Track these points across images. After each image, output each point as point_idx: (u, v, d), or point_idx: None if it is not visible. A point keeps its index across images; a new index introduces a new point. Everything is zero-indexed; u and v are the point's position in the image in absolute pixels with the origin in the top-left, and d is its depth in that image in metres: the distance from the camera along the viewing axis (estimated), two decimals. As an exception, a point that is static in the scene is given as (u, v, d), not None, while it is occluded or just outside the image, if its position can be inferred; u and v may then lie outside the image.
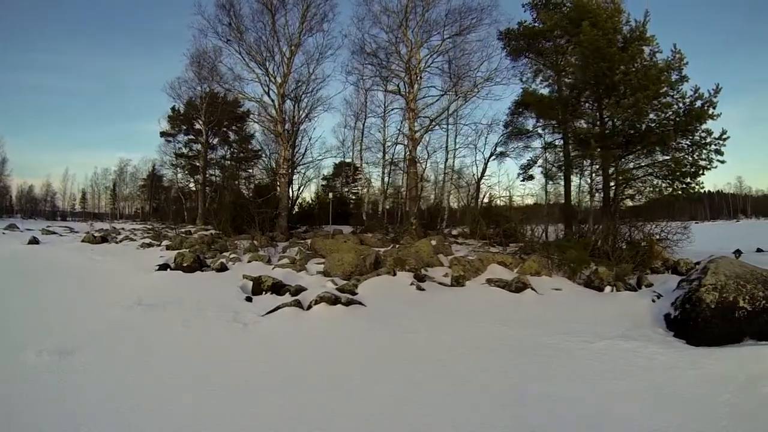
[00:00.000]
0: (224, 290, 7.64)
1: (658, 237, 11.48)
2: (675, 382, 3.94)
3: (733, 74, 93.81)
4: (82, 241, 15.92)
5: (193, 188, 28.78)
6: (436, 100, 17.28)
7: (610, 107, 13.94)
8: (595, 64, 13.32)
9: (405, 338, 5.36)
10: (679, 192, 13.94)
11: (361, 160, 21.57)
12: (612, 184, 14.87)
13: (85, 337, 5.27)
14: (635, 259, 9.94)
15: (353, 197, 28.11)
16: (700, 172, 13.53)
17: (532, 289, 7.50)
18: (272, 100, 16.22)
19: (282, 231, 14.09)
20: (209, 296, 7.25)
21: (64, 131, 76.53)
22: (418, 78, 16.56)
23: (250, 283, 7.80)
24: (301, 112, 17.38)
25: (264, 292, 7.36)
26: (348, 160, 26.28)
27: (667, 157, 14.08)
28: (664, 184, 14.48)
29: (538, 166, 18.58)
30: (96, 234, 16.67)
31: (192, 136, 27.38)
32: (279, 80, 16.16)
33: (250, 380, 4.12)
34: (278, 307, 6.24)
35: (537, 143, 19.18)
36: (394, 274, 8.16)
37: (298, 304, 6.35)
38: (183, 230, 17.19)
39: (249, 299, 7.11)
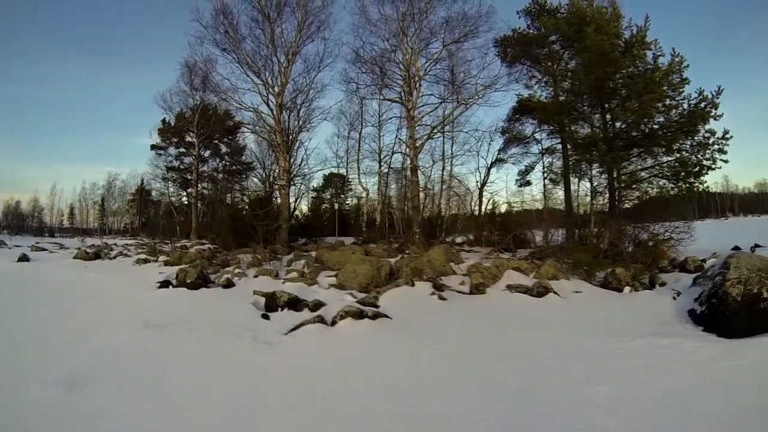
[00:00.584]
0: (236, 308, 7.15)
1: (663, 237, 11.56)
2: (727, 371, 4.02)
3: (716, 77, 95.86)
4: (74, 257, 15.24)
5: (185, 202, 28.06)
6: (435, 108, 17.19)
7: (616, 111, 14.04)
8: (600, 68, 13.45)
9: (439, 350, 5.12)
10: (684, 192, 14.05)
11: (359, 170, 21.33)
12: (617, 186, 14.91)
13: (93, 366, 4.73)
14: (645, 259, 9.90)
15: (346, 208, 27.76)
16: (704, 171, 13.60)
17: (555, 292, 7.38)
18: (270, 110, 15.85)
19: (283, 244, 13.62)
20: (221, 315, 6.77)
21: (50, 145, 74.93)
22: (418, 86, 16.37)
23: (262, 299, 7.34)
24: (300, 122, 16.98)
25: (280, 309, 6.97)
26: (338, 171, 26.11)
27: (671, 158, 14.17)
28: (669, 185, 14.54)
29: (538, 171, 18.79)
30: (88, 250, 15.98)
31: (183, 149, 26.76)
32: (276, 90, 15.77)
33: (289, 402, 3.79)
34: (301, 324, 5.91)
35: (534, 149, 19.28)
36: (413, 285, 7.93)
37: (321, 319, 6.05)
38: (179, 245, 16.57)
39: (266, 317, 6.67)
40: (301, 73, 16.68)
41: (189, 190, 25.95)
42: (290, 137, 17.01)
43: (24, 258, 14.75)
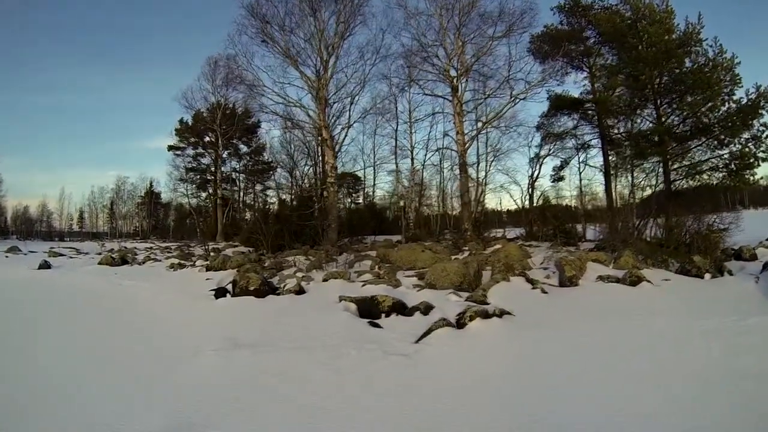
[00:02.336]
0: (330, 317, 5.89)
1: (719, 227, 11.29)
2: None
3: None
4: (99, 263, 13.72)
5: (204, 204, 26.47)
6: (481, 103, 16.28)
7: (681, 104, 13.89)
8: (663, 63, 13.53)
9: (585, 341, 4.52)
10: (739, 183, 13.85)
11: (397, 166, 19.94)
12: (674, 178, 14.55)
13: (196, 410, 3.31)
14: (705, 249, 9.79)
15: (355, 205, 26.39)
16: (757, 164, 13.44)
17: (648, 281, 7.04)
18: (315, 105, 14.40)
19: (332, 244, 12.23)
20: (318, 326, 5.50)
21: (58, 150, 72.04)
22: (465, 81, 15.25)
23: (353, 305, 6.21)
24: (350, 116, 15.50)
25: (384, 315, 5.89)
26: (352, 171, 24.72)
27: (725, 152, 13.95)
28: (721, 176, 14.20)
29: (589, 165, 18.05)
30: (114, 255, 14.43)
31: (200, 150, 25.17)
32: (319, 84, 14.33)
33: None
34: (430, 330, 5.00)
35: (569, 144, 18.62)
36: (509, 280, 7.32)
37: (448, 323, 5.13)
38: (209, 248, 15.11)
39: (374, 324, 5.52)
40: (342, 68, 15.30)
41: (210, 191, 24.33)
42: (318, 134, 15.63)
43: (45, 265, 13.27)
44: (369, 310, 5.97)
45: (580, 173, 18.19)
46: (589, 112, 17.44)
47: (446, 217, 19.84)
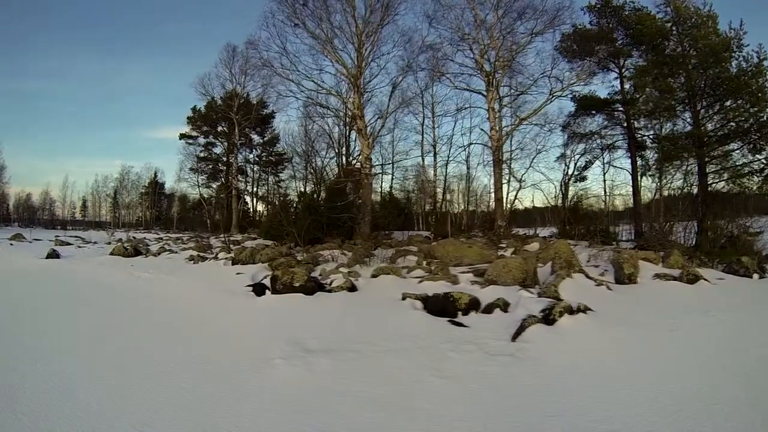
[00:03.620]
0: (400, 316, 5.23)
1: (754, 230, 11.22)
2: None
3: None
4: (111, 253, 12.67)
5: (214, 194, 25.25)
6: (514, 99, 15.41)
7: (722, 108, 13.36)
8: (709, 66, 12.95)
9: (676, 336, 4.32)
10: None
11: (434, 160, 18.97)
12: (711, 182, 13.83)
13: None
14: (743, 250, 9.53)
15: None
16: None
17: (705, 279, 6.79)
18: (351, 93, 13.38)
19: (365, 238, 11.28)
20: (393, 326, 4.86)
21: (62, 138, 69.80)
22: (502, 75, 14.53)
23: (418, 302, 5.69)
24: (388, 106, 14.45)
25: (461, 313, 5.34)
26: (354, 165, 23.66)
27: (762, 156, 13.25)
28: (760, 180, 13.40)
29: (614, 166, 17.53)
30: (126, 246, 13.33)
31: (212, 139, 23.95)
32: (354, 72, 13.30)
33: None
34: (523, 327, 4.59)
35: (593, 145, 17.84)
36: (571, 277, 6.79)
37: (538, 320, 4.73)
38: (228, 240, 14.06)
39: (456, 323, 5.00)
40: (375, 58, 14.25)
41: (222, 181, 23.11)
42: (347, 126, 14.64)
43: (54, 254, 12.19)
44: (443, 307, 5.44)
45: (604, 174, 17.54)
46: (616, 113, 16.94)
47: (475, 214, 19.00)
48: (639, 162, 16.29)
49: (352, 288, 6.69)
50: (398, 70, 14.60)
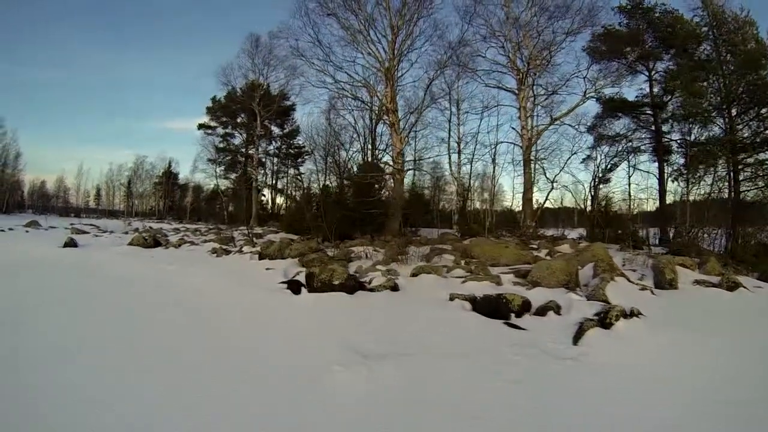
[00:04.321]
0: (453, 318, 4.95)
1: None
2: None
3: None
4: (130, 244, 12.20)
5: (232, 186, 24.79)
6: (545, 99, 14.86)
7: (758, 115, 13.16)
8: (750, 72, 12.70)
9: (733, 342, 4.19)
10: None
11: (450, 158, 18.51)
12: (744, 189, 13.69)
13: None
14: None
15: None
16: None
17: (744, 287, 6.55)
18: (382, 86, 12.89)
19: (395, 234, 10.81)
20: (447, 329, 4.58)
21: (78, 126, 69.84)
22: (536, 74, 14.09)
23: (467, 303, 5.39)
24: (423, 101, 13.94)
25: (515, 315, 5.13)
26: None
27: None
28: None
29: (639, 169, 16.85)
30: (146, 236, 12.89)
31: (230, 130, 23.46)
32: (388, 64, 12.78)
33: None
34: (582, 331, 4.40)
35: (616, 148, 17.52)
36: (615, 280, 6.49)
37: (596, 323, 4.53)
38: (251, 233, 13.62)
39: (512, 325, 4.79)
40: (407, 52, 13.84)
41: (241, 172, 22.60)
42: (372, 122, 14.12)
43: (72, 243, 11.69)
44: (495, 309, 5.21)
45: (629, 177, 17.04)
46: (643, 116, 16.65)
47: (503, 213, 18.46)
48: (666, 166, 15.97)
49: (395, 287, 6.29)
50: (430, 65, 14.08)
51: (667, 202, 16.32)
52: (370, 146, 15.13)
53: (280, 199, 24.15)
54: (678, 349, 4.01)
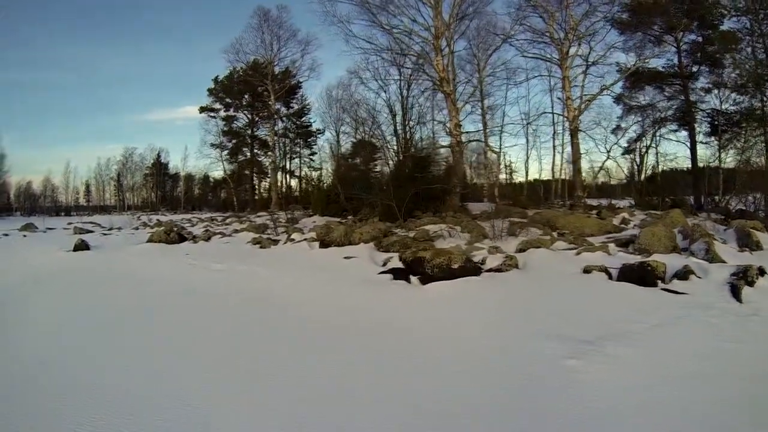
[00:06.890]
0: (606, 291, 4.62)
1: None
2: None
3: None
4: (150, 240, 10.42)
5: (230, 173, 22.95)
6: (587, 69, 13.95)
7: None
8: None
9: None
10: None
11: (500, 132, 17.57)
12: None
13: None
14: None
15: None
16: None
17: None
18: (438, 54, 11.54)
19: (455, 210, 9.70)
20: (612, 302, 4.24)
21: (61, 125, 64.46)
22: (579, 44, 13.52)
23: (603, 273, 5.11)
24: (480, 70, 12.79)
25: (661, 281, 4.85)
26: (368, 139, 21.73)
27: None
28: None
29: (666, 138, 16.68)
30: (168, 232, 11.10)
31: (232, 112, 21.46)
32: (442, 30, 11.57)
33: None
34: (737, 288, 4.26)
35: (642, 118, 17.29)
36: (712, 243, 6.23)
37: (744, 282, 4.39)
38: (292, 218, 12.21)
39: (671, 291, 4.52)
40: (459, 19, 12.64)
41: (247, 156, 20.73)
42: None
43: (83, 245, 9.55)
44: (640, 277, 4.99)
45: (657, 147, 16.81)
46: (666, 88, 16.26)
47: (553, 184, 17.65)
48: (699, 135, 15.64)
49: (518, 266, 5.55)
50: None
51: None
52: (402, 120, 13.78)
53: (294, 182, 22.69)
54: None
